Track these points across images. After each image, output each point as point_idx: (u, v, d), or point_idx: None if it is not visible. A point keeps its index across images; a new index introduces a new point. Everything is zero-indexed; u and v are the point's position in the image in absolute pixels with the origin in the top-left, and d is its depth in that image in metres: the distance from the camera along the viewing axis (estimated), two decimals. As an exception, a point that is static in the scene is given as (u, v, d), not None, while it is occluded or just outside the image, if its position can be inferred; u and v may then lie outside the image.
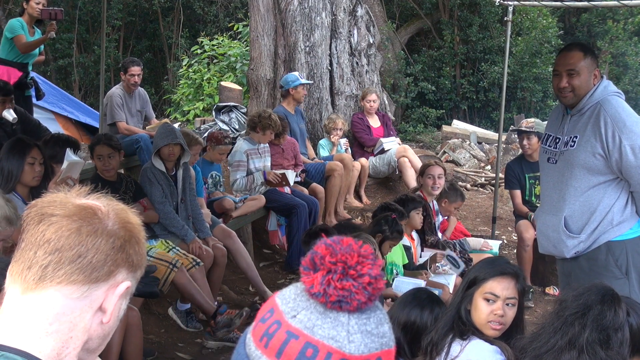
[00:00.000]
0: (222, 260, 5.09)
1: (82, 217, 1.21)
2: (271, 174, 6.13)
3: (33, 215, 1.22)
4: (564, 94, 3.45)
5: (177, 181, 5.07)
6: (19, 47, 6.25)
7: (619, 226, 3.39)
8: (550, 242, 3.58)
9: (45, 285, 1.19)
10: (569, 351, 1.82)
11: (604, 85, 3.43)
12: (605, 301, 1.89)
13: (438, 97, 13.07)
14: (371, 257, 1.12)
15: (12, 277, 1.22)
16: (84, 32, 15.64)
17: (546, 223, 3.60)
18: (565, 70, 3.42)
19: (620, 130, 3.26)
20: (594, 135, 3.33)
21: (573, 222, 3.45)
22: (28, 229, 1.22)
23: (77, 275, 1.19)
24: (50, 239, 1.19)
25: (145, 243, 1.30)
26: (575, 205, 3.43)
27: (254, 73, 8.32)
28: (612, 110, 3.32)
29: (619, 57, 13.47)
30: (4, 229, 2.94)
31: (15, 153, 3.88)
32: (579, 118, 3.44)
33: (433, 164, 5.60)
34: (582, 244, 3.44)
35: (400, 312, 2.69)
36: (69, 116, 10.18)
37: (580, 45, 3.65)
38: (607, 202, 3.38)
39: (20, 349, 1.17)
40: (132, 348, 3.89)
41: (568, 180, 3.44)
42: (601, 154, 3.32)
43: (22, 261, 1.21)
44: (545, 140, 3.66)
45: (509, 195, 6.48)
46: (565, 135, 3.49)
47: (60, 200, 1.24)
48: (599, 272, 3.39)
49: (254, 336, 1.15)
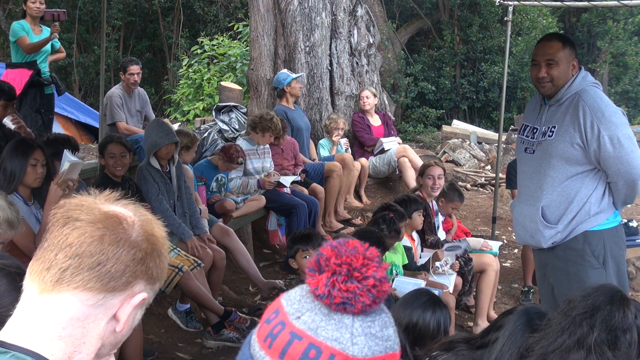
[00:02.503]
0: (221, 263, 5.09)
1: (106, 225, 1.21)
2: (266, 183, 6.12)
3: (59, 217, 1.22)
4: (543, 83, 3.45)
5: (172, 178, 5.07)
6: (23, 49, 6.33)
7: (596, 216, 3.39)
8: (527, 232, 3.57)
9: (62, 288, 1.19)
10: (577, 351, 1.82)
11: (582, 75, 3.43)
12: (614, 302, 1.88)
13: (438, 97, 13.08)
14: (376, 259, 1.12)
15: (31, 276, 1.23)
16: (84, 32, 15.64)
17: (523, 213, 3.58)
18: (544, 60, 3.42)
19: (599, 120, 3.25)
20: (573, 125, 3.32)
21: (550, 212, 3.44)
22: (52, 230, 1.22)
23: (94, 283, 1.19)
24: (73, 243, 1.19)
25: (167, 257, 1.30)
26: (553, 195, 3.42)
27: (254, 73, 8.31)
28: (590, 101, 3.31)
29: (619, 57, 13.49)
30: (4, 232, 2.93)
31: (19, 154, 3.87)
32: (558, 108, 3.44)
33: (433, 164, 5.59)
34: (559, 234, 3.44)
35: (402, 313, 2.69)
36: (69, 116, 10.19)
37: (559, 35, 3.65)
38: (585, 193, 3.37)
39: (32, 350, 1.18)
40: (132, 348, 3.89)
41: (546, 170, 3.43)
42: (579, 144, 3.31)
43: (42, 261, 1.21)
44: (523, 131, 3.65)
45: (510, 195, 6.48)
46: (543, 126, 3.49)
47: (88, 205, 1.24)
48: (575, 262, 3.40)
49: (258, 337, 1.15)
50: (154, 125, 5.09)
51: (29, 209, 3.87)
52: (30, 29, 6.43)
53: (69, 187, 3.77)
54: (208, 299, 4.68)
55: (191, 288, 4.56)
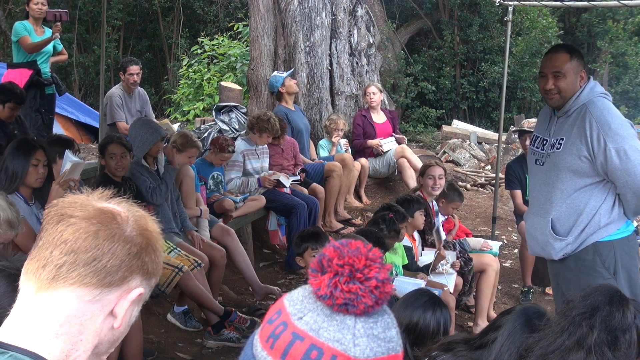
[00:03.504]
0: (221, 261, 5.09)
1: (101, 221, 1.21)
2: (266, 180, 6.12)
3: (53, 215, 1.22)
4: (550, 95, 3.44)
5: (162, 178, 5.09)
6: (25, 48, 6.38)
7: (607, 227, 3.37)
8: (538, 244, 3.58)
9: (58, 285, 1.19)
10: (577, 351, 1.82)
11: (590, 86, 3.41)
12: (613, 302, 1.88)
13: (438, 97, 13.08)
14: (379, 260, 1.11)
15: (27, 275, 1.23)
16: (84, 32, 15.65)
17: (534, 225, 3.59)
18: (551, 72, 3.41)
19: (605, 133, 3.24)
20: (580, 137, 3.31)
21: (560, 225, 3.44)
22: (47, 228, 1.22)
23: (91, 278, 1.20)
24: (68, 239, 1.19)
25: (162, 251, 1.30)
26: (562, 208, 3.42)
27: (254, 73, 8.31)
28: (597, 113, 3.30)
29: (619, 57, 13.49)
30: (4, 232, 2.93)
31: (21, 154, 3.87)
32: (565, 120, 3.43)
33: (434, 164, 5.59)
34: (569, 246, 3.43)
35: (402, 313, 2.68)
36: (69, 116, 10.20)
37: (567, 47, 3.63)
38: (594, 204, 3.36)
39: (29, 350, 1.17)
40: (132, 348, 3.89)
41: (554, 183, 3.43)
42: (587, 157, 3.30)
43: (37, 259, 1.21)
44: (534, 142, 3.64)
45: (510, 195, 6.48)
46: (552, 137, 3.48)
47: (82, 202, 1.24)
48: (586, 273, 3.38)
49: (261, 337, 1.15)
50: (140, 124, 5.13)
51: (30, 209, 3.87)
52: (32, 29, 6.46)
53: (70, 188, 3.78)
54: (208, 299, 4.68)
55: (191, 288, 4.56)
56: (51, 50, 6.66)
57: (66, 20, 6.51)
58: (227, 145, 5.86)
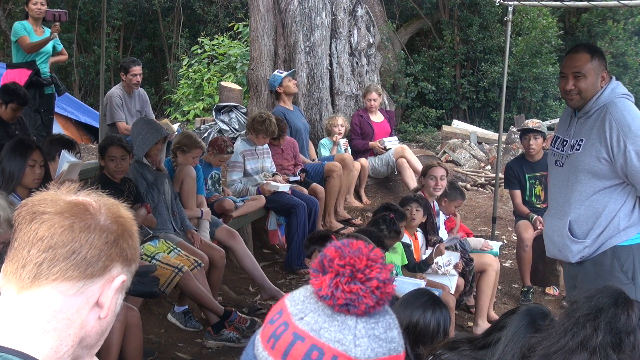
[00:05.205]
0: (220, 262, 5.07)
1: (74, 214, 1.21)
2: (265, 190, 6.14)
3: (24, 214, 1.22)
4: (571, 96, 3.38)
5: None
6: (24, 48, 6.39)
7: (626, 231, 3.32)
8: (555, 247, 3.53)
9: (41, 283, 1.18)
10: (580, 352, 1.80)
11: (611, 87, 3.35)
12: (618, 304, 1.87)
13: (438, 97, 13.06)
14: (380, 261, 1.11)
15: (7, 277, 1.22)
16: (84, 32, 15.64)
17: (552, 227, 3.54)
18: (572, 73, 3.35)
19: (625, 134, 3.19)
20: (599, 139, 3.26)
21: (578, 227, 3.39)
22: (20, 228, 1.21)
23: (72, 272, 1.19)
24: (44, 236, 1.19)
25: (138, 236, 1.30)
26: (581, 210, 3.37)
27: (254, 73, 8.31)
28: (617, 114, 3.24)
29: (619, 57, 13.47)
30: (5, 232, 2.93)
31: (17, 155, 3.86)
32: (586, 121, 3.37)
33: (436, 165, 5.57)
34: (587, 249, 3.38)
35: (402, 313, 2.68)
36: (69, 116, 10.20)
37: (588, 46, 3.58)
38: (613, 207, 3.31)
39: (18, 350, 1.17)
40: (132, 348, 3.88)
41: (573, 185, 3.38)
42: (606, 159, 3.25)
43: (15, 260, 1.20)
44: (554, 143, 3.59)
45: (509, 195, 6.47)
46: (572, 138, 3.43)
47: (51, 198, 1.24)
48: (604, 278, 3.31)
49: (262, 337, 1.15)
50: (142, 123, 5.13)
51: (28, 209, 3.86)
52: (32, 29, 6.48)
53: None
54: (208, 299, 4.68)
55: (191, 288, 4.56)
56: (50, 50, 6.67)
57: (65, 20, 6.53)
58: (225, 146, 5.87)
